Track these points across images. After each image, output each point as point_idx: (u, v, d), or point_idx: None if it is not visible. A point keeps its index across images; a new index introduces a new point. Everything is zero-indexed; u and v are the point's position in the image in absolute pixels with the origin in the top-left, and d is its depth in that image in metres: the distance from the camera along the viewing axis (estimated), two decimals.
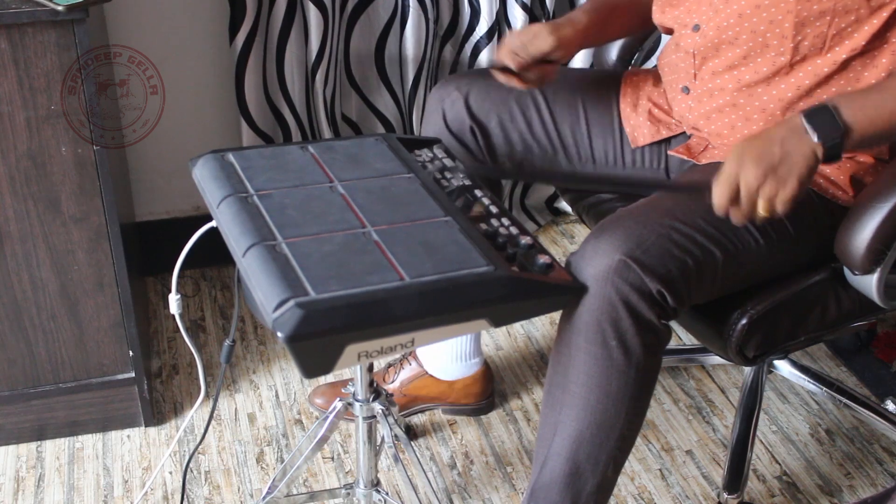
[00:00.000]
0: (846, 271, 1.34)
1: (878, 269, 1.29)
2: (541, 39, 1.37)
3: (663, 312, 1.20)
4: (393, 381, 1.76)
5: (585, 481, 1.26)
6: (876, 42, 1.29)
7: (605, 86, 1.57)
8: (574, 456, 1.25)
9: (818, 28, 1.28)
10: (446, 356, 1.75)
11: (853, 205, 1.30)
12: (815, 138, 1.15)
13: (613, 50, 1.72)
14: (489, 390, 1.81)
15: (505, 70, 1.39)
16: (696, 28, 1.38)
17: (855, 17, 1.27)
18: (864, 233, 1.25)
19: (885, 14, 1.27)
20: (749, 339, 1.32)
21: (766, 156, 1.14)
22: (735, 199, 1.16)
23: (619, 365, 1.20)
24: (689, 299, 1.24)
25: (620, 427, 1.24)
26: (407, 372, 1.76)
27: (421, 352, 1.76)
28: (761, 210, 1.15)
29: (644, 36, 1.72)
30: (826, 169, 1.36)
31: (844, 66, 1.30)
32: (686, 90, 1.43)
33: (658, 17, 1.46)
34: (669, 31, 1.47)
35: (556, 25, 1.39)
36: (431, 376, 1.76)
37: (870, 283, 1.31)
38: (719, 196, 1.16)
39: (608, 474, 1.27)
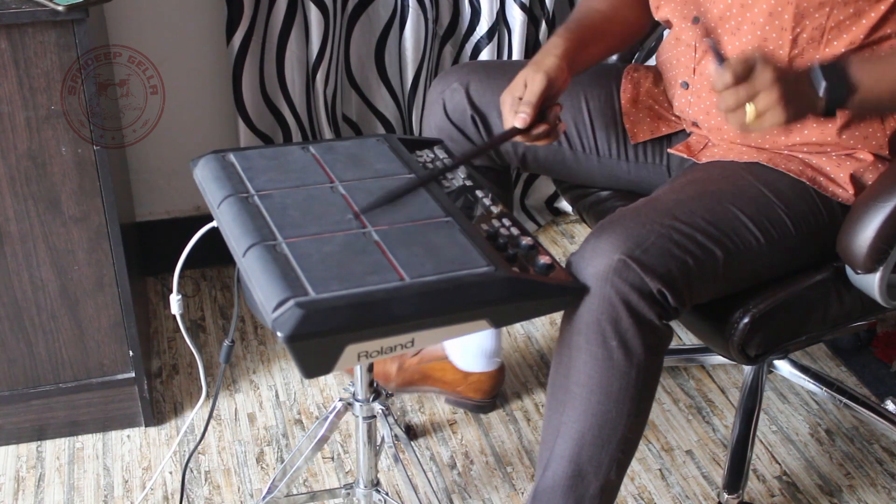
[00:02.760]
0: (848, 270, 1.34)
1: (881, 269, 1.29)
2: (531, 83, 1.31)
3: (664, 312, 1.20)
4: (415, 354, 1.76)
5: (588, 484, 1.26)
6: (874, 36, 1.29)
7: (606, 80, 1.57)
8: (576, 458, 1.25)
9: (817, 20, 1.28)
10: (472, 348, 1.75)
11: (855, 203, 1.30)
12: (821, 91, 1.17)
13: None
14: (497, 390, 1.82)
15: (520, 133, 1.33)
16: (696, 20, 1.38)
17: (854, 9, 1.28)
18: (867, 232, 1.25)
19: (882, 7, 1.28)
20: (751, 338, 1.32)
21: (787, 77, 1.15)
22: (739, 79, 1.14)
23: (620, 365, 1.20)
24: (690, 299, 1.24)
25: (622, 429, 1.24)
26: (431, 349, 1.76)
27: None
28: (750, 112, 1.15)
29: (645, 35, 1.72)
30: (826, 166, 1.36)
31: None
32: (685, 85, 1.44)
33: (658, 12, 1.46)
34: (671, 25, 1.47)
35: (536, 63, 1.33)
36: (451, 363, 1.76)
37: (872, 283, 1.31)
38: (731, 67, 1.14)
39: (611, 477, 1.27)
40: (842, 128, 1.35)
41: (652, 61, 1.83)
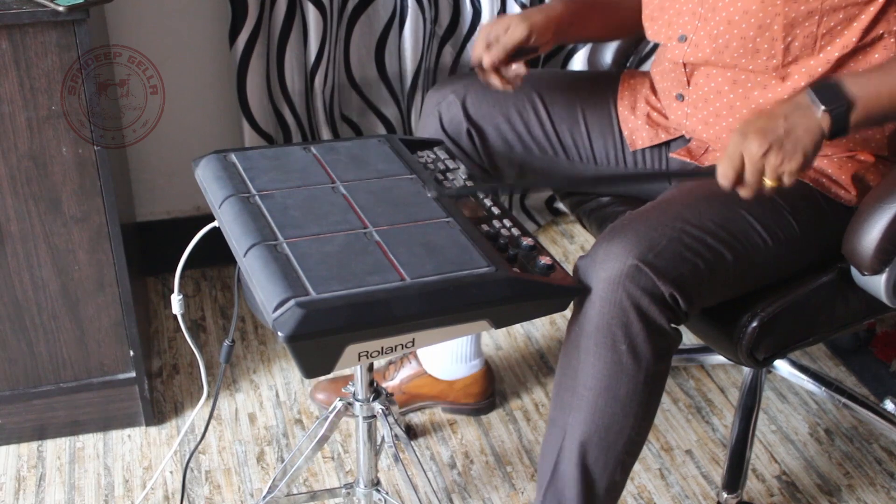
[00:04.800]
0: (853, 272, 1.34)
1: (887, 270, 1.29)
2: (513, 29, 1.36)
3: (674, 316, 1.20)
4: (393, 379, 1.76)
5: (593, 483, 1.27)
6: (866, 38, 1.29)
7: (602, 87, 1.57)
8: (582, 459, 1.25)
9: (807, 28, 1.28)
10: (446, 357, 1.75)
11: (861, 205, 1.30)
12: (820, 110, 1.15)
13: (608, 53, 1.72)
14: (489, 390, 1.82)
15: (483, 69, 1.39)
16: (683, 39, 1.38)
17: (843, 14, 1.27)
18: (873, 233, 1.25)
19: (872, 9, 1.27)
20: (760, 341, 1.32)
21: (771, 130, 1.14)
22: (740, 175, 1.15)
23: (629, 369, 1.20)
24: (700, 302, 1.24)
25: (629, 431, 1.24)
26: (407, 370, 1.76)
27: (420, 352, 1.76)
28: (768, 181, 1.14)
29: (638, 40, 1.72)
30: (828, 168, 1.36)
31: (839, 64, 1.30)
32: (680, 97, 1.43)
33: (647, 33, 1.46)
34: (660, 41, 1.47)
35: (527, 13, 1.39)
36: (431, 376, 1.76)
37: (878, 284, 1.31)
38: (724, 172, 1.15)
39: (616, 478, 1.28)
40: None
41: (645, 67, 1.83)
